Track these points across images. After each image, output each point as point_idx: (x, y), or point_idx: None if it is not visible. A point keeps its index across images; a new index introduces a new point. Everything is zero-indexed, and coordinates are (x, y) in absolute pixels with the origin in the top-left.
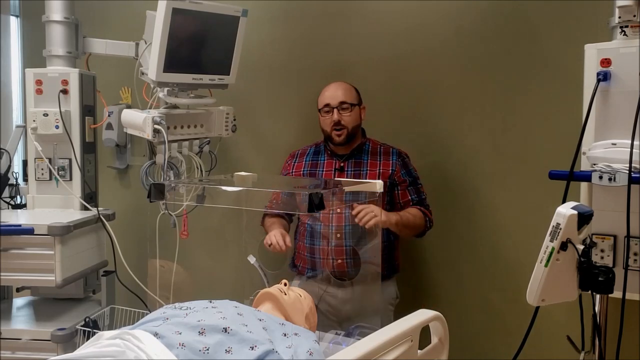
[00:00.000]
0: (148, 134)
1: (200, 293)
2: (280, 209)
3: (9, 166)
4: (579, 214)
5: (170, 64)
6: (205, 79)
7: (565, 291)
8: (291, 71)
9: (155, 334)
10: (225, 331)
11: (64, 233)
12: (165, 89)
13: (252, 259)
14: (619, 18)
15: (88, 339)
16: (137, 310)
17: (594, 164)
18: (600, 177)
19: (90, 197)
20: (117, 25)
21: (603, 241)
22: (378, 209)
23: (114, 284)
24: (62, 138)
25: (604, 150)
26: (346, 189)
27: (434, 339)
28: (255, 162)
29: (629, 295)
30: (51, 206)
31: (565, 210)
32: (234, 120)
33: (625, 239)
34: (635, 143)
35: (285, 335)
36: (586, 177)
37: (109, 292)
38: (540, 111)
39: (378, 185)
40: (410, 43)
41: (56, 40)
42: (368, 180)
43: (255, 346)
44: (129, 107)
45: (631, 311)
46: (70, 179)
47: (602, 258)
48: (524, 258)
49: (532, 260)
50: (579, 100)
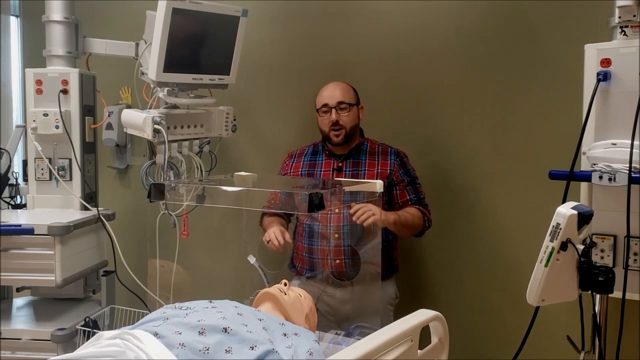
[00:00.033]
0: (148, 134)
1: (200, 293)
2: (279, 209)
3: (9, 166)
4: (579, 214)
5: (170, 64)
6: (205, 79)
7: (565, 291)
8: (291, 71)
9: (155, 334)
10: (225, 331)
11: (64, 233)
12: (165, 89)
13: (252, 259)
14: (619, 18)
15: (88, 339)
16: (137, 310)
17: (594, 164)
18: (600, 177)
19: (90, 197)
20: (117, 25)
21: (603, 241)
22: (376, 208)
23: (114, 284)
24: (62, 138)
25: (604, 150)
26: (346, 188)
27: (434, 339)
28: (255, 162)
29: (629, 295)
30: (51, 206)
31: (565, 210)
32: (234, 120)
33: (625, 239)
34: (635, 143)
35: (285, 335)
36: (586, 177)
37: (109, 292)
38: (540, 111)
39: (378, 185)
40: (410, 43)
41: (56, 40)
42: (368, 180)
43: (255, 346)
44: (129, 107)
45: (631, 311)
46: (70, 179)
47: (602, 258)
48: (524, 258)
49: (532, 260)
50: (579, 100)
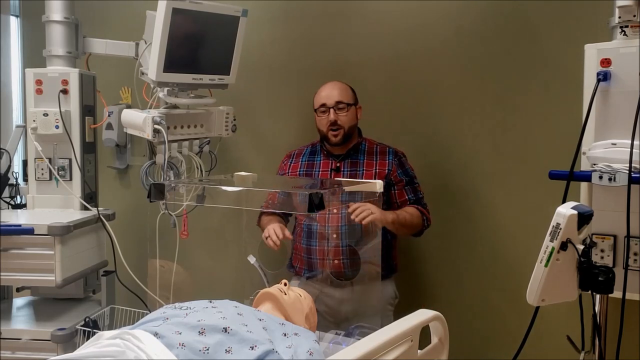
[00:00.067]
0: (148, 134)
1: (200, 293)
2: (277, 209)
3: (9, 166)
4: (579, 214)
5: (170, 64)
6: (205, 79)
7: (565, 291)
8: (291, 71)
9: (155, 334)
10: (225, 331)
11: (64, 233)
12: (165, 89)
13: (252, 259)
14: (619, 18)
15: (88, 339)
16: (137, 310)
17: (594, 164)
18: (600, 177)
19: (90, 197)
20: (117, 25)
21: (603, 241)
22: (374, 207)
23: (114, 284)
24: (62, 138)
25: (604, 150)
26: (346, 189)
27: (434, 339)
28: (255, 162)
29: (629, 295)
30: (51, 206)
31: (565, 210)
32: (234, 120)
33: (625, 239)
34: (635, 143)
35: (285, 335)
36: (586, 177)
37: (109, 292)
38: (540, 111)
39: (378, 185)
40: (410, 43)
41: (56, 40)
42: (368, 180)
43: (255, 346)
44: (129, 107)
45: (631, 311)
46: (70, 179)
47: (602, 258)
48: (524, 258)
49: (532, 260)
50: (579, 100)
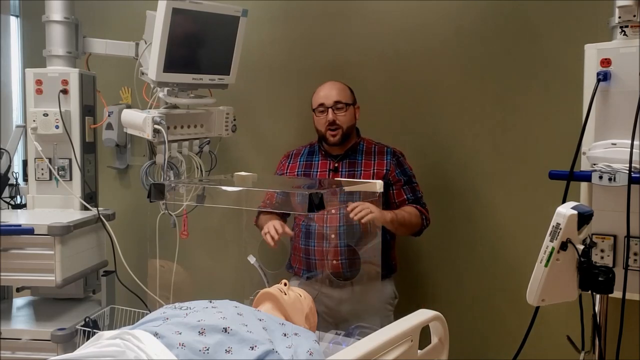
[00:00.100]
0: (148, 134)
1: (200, 293)
2: (276, 209)
3: (9, 166)
4: (579, 214)
5: (170, 64)
6: (205, 79)
7: (565, 291)
8: (291, 71)
9: (155, 334)
10: (225, 331)
11: (64, 233)
12: (165, 89)
13: (252, 259)
14: (619, 18)
15: (88, 339)
16: (137, 310)
17: (594, 164)
18: (600, 177)
19: (90, 197)
20: (117, 25)
21: (603, 241)
22: (373, 206)
23: (114, 284)
24: (62, 138)
25: (604, 150)
26: (346, 189)
27: (434, 339)
28: (255, 162)
29: (629, 295)
30: (51, 206)
31: (565, 210)
32: (234, 120)
33: (625, 239)
34: (635, 143)
35: (285, 335)
36: (586, 177)
37: (109, 292)
38: (540, 111)
39: (378, 185)
40: (410, 43)
41: (56, 40)
42: (368, 180)
43: (255, 346)
44: (129, 107)
45: (631, 311)
46: (70, 179)
47: (602, 258)
48: (524, 258)
49: (532, 260)
50: (579, 100)
